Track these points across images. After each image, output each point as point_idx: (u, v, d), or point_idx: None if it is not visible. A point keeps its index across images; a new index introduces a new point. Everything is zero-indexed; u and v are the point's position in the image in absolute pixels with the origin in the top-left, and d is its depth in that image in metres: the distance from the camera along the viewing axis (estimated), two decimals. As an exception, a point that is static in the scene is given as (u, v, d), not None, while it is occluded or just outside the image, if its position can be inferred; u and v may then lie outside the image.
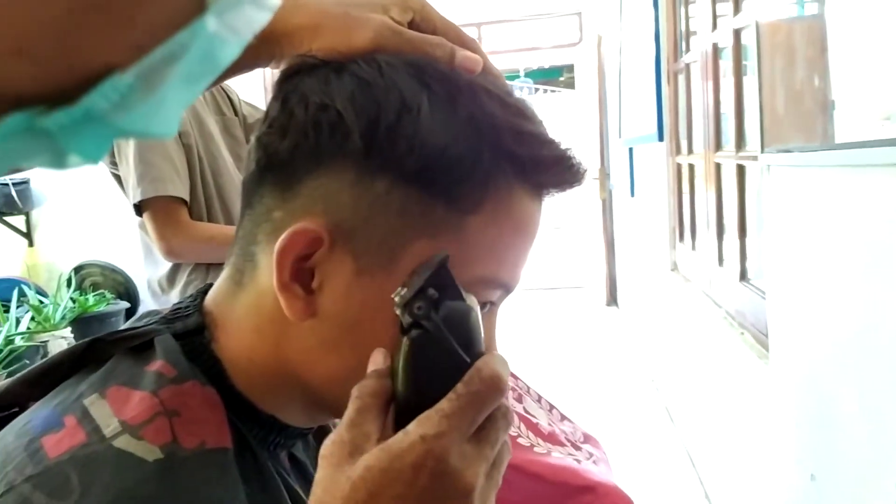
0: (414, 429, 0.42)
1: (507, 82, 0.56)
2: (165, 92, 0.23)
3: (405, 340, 0.45)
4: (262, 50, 0.55)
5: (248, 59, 0.55)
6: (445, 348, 0.44)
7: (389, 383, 0.45)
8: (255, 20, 0.25)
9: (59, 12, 0.20)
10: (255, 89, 3.54)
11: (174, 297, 1.71)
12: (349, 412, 0.44)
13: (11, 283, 3.88)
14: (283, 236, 0.49)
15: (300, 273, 0.50)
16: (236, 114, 1.80)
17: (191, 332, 0.54)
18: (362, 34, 0.52)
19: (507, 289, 0.54)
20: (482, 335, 0.46)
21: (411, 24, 0.56)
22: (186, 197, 1.62)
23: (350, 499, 0.41)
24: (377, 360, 0.47)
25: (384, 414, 0.45)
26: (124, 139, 0.25)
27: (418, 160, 0.48)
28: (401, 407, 0.44)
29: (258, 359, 0.53)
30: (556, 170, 0.53)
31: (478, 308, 0.47)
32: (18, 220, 4.16)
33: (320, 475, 0.43)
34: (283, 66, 0.54)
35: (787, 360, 1.66)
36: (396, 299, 0.45)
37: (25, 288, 3.77)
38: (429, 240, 0.50)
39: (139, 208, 1.61)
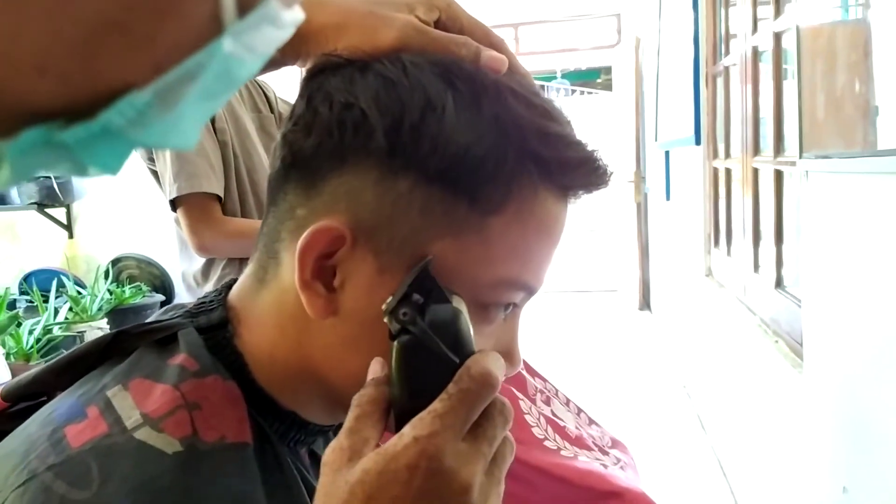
0: (408, 431, 0.42)
1: (535, 82, 0.55)
2: (183, 108, 0.24)
3: (395, 346, 0.45)
4: (288, 49, 0.55)
5: (274, 60, 0.55)
6: (434, 351, 0.45)
7: (387, 390, 0.46)
8: (274, 39, 0.25)
9: (81, 32, 0.21)
10: (292, 86, 3.57)
11: (208, 290, 1.72)
12: (348, 420, 0.44)
13: (51, 274, 3.96)
14: (305, 234, 0.49)
15: (322, 271, 0.50)
16: (272, 111, 1.82)
17: (214, 326, 0.55)
18: (387, 33, 0.52)
19: (530, 291, 0.54)
20: (471, 335, 0.46)
21: (437, 23, 0.55)
22: (221, 193, 1.64)
23: (348, 503, 0.41)
24: (375, 370, 0.47)
25: (383, 421, 0.45)
26: (143, 150, 0.26)
27: (442, 160, 0.48)
28: (398, 413, 0.45)
29: (279, 355, 0.53)
30: (582, 171, 0.52)
31: (465, 308, 0.47)
32: (59, 212, 4.24)
33: (322, 482, 0.43)
34: (308, 65, 0.55)
35: (822, 369, 1.63)
36: (383, 307, 0.46)
37: (64, 279, 3.84)
38: (451, 239, 0.49)
39: (174, 204, 1.63)
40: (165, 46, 0.23)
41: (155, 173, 1.68)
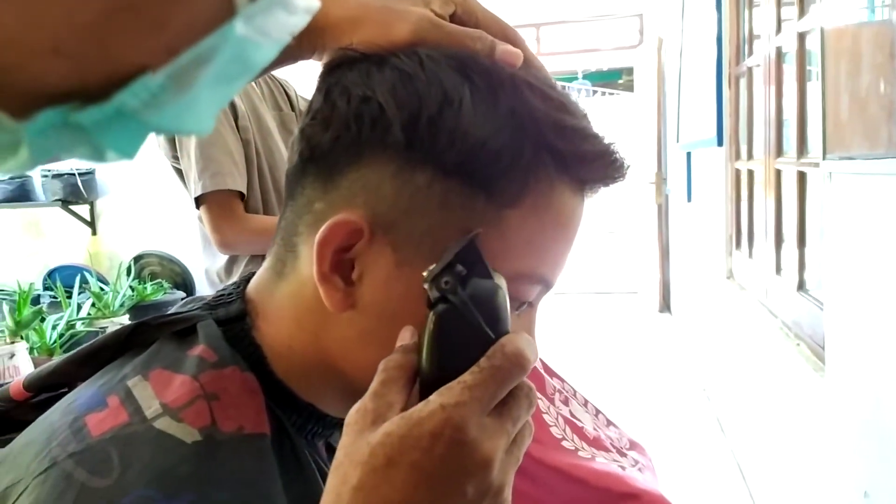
0: (435, 398, 0.42)
1: (550, 75, 0.55)
2: (198, 92, 0.24)
3: (431, 315, 0.45)
4: (305, 42, 0.55)
5: (290, 52, 0.56)
6: (470, 324, 0.44)
7: (415, 358, 0.46)
8: (289, 24, 0.26)
9: (94, 15, 0.21)
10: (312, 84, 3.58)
11: None
12: (374, 383, 0.45)
13: (75, 270, 4.00)
14: (323, 227, 0.49)
15: (340, 264, 0.50)
16: (293, 109, 1.83)
17: (233, 318, 0.55)
18: (402, 27, 0.52)
19: (546, 284, 0.54)
20: (508, 314, 0.46)
21: (453, 17, 0.55)
22: (244, 190, 1.65)
23: (368, 464, 0.41)
24: (404, 336, 0.47)
25: (409, 387, 0.45)
26: (159, 134, 0.26)
27: (459, 153, 0.48)
28: (425, 381, 0.45)
29: (297, 347, 0.54)
30: (599, 164, 0.52)
31: (505, 287, 0.47)
32: (83, 210, 4.29)
33: (343, 441, 0.43)
34: (325, 59, 0.55)
35: (844, 373, 1.62)
36: (425, 274, 0.45)
37: (87, 275, 3.88)
38: (468, 232, 0.49)
39: (198, 202, 1.65)
40: (178, 29, 0.23)
41: (179, 171, 1.70)
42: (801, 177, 2.30)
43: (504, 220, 0.50)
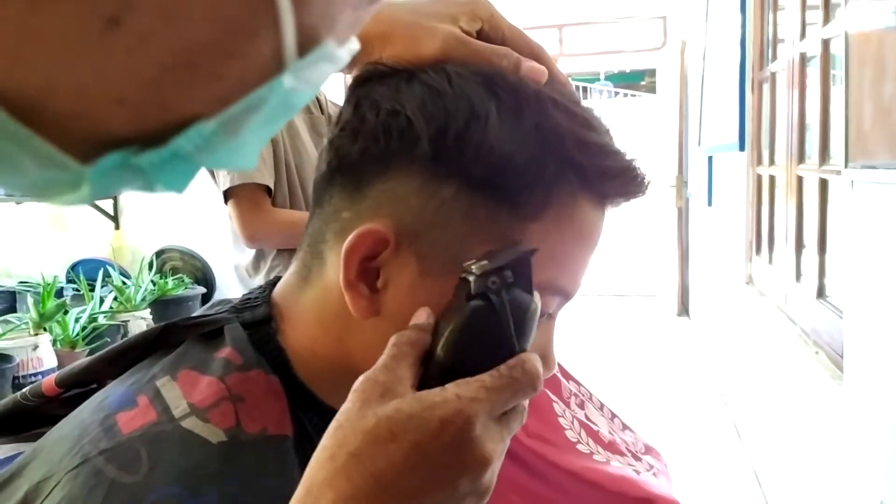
0: (452, 388, 0.43)
1: (574, 90, 0.56)
2: (245, 135, 0.26)
3: (468, 306, 0.45)
4: None
5: None
6: (501, 328, 0.45)
7: (428, 339, 0.46)
8: (329, 72, 0.28)
9: (158, 70, 0.23)
10: (339, 89, 3.61)
11: (259, 281, 1.79)
12: (385, 357, 0.45)
13: (98, 264, 4.05)
14: (350, 236, 0.50)
15: (366, 272, 0.51)
16: (322, 112, 1.86)
17: (258, 322, 0.57)
18: (430, 43, 0.54)
19: (566, 296, 0.55)
20: (534, 335, 0.47)
21: (480, 34, 0.57)
22: (271, 185, 1.68)
23: (371, 433, 0.41)
24: (420, 316, 0.48)
25: (417, 365, 0.45)
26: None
27: (484, 167, 0.49)
28: (434, 368, 0.45)
29: (321, 352, 0.55)
30: (620, 180, 0.53)
31: (539, 307, 0.48)
32: (106, 204, 4.34)
33: (347, 406, 0.43)
34: (355, 73, 0.56)
35: (863, 382, 1.61)
36: (473, 268, 0.46)
37: (110, 269, 3.93)
38: (492, 245, 0.51)
39: (226, 195, 1.68)
40: (231, 83, 0.25)
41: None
42: (823, 184, 2.28)
43: (527, 232, 0.51)
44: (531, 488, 1.35)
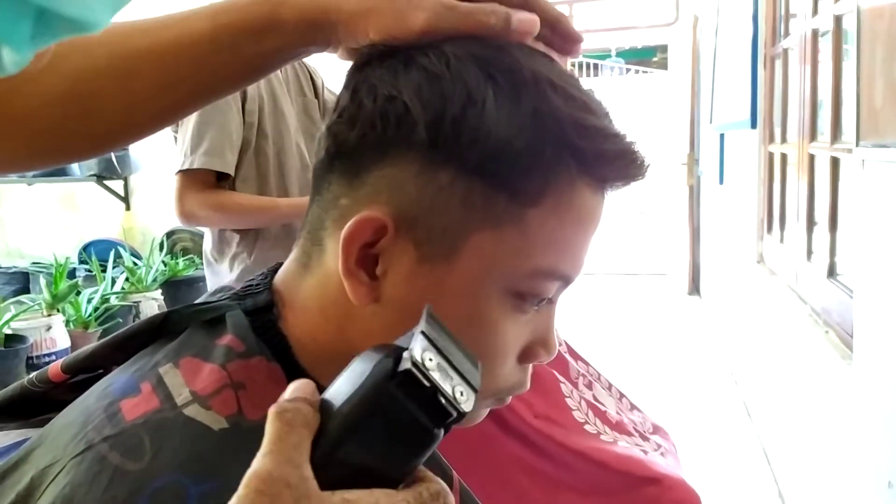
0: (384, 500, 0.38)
1: (574, 74, 0.55)
2: None
3: (397, 377, 0.38)
4: (319, 37, 0.55)
5: (303, 44, 0.56)
6: (420, 413, 0.38)
7: (317, 419, 0.40)
8: None
9: None
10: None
11: (224, 268, 1.80)
12: (285, 444, 0.38)
13: (109, 245, 4.07)
14: (349, 223, 0.50)
15: (365, 259, 0.51)
16: (317, 96, 1.86)
17: (260, 309, 0.57)
18: (418, 15, 0.53)
19: (566, 281, 0.55)
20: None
21: None
22: (230, 171, 1.68)
23: None
24: (307, 391, 0.41)
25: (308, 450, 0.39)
26: (49, 36, 0.25)
27: (482, 152, 0.49)
28: (334, 440, 0.38)
29: (322, 339, 0.55)
30: (619, 164, 0.53)
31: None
32: (117, 185, 4.35)
33: None
34: (340, 53, 0.56)
35: (872, 362, 1.60)
36: (413, 347, 0.38)
37: (121, 250, 3.95)
38: (490, 231, 0.51)
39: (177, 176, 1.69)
40: None
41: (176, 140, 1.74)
42: (835, 162, 2.26)
43: (525, 218, 0.51)
44: (539, 468, 1.35)
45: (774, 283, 2.88)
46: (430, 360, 0.38)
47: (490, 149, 0.49)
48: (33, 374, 0.63)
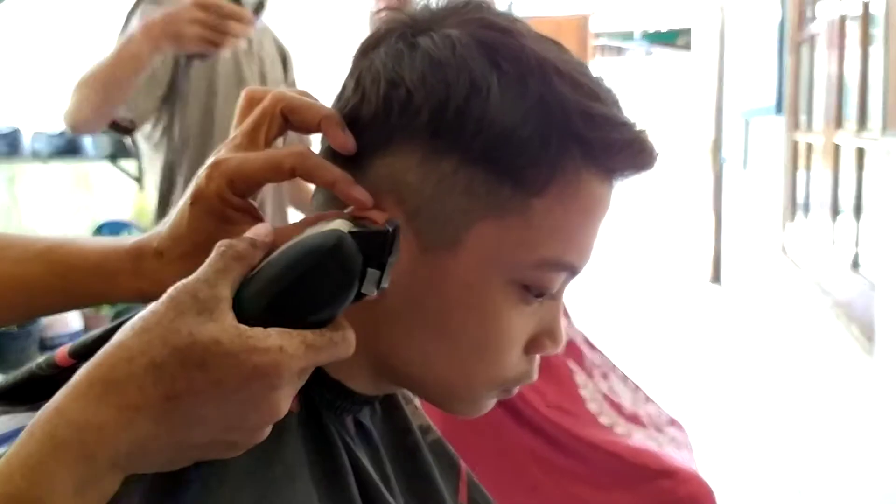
0: (276, 336, 0.41)
1: (581, 60, 0.54)
2: None
3: (332, 233, 0.43)
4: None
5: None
6: (348, 279, 0.43)
7: (259, 257, 0.44)
8: None
9: None
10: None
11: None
12: (208, 268, 0.42)
13: (122, 226, 4.10)
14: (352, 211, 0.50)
15: None
16: (286, 72, 1.82)
17: None
18: None
19: (572, 271, 0.53)
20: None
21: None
22: (132, 116, 1.64)
23: (180, 352, 0.39)
24: (259, 231, 0.45)
25: (237, 283, 0.42)
26: None
27: (485, 141, 0.48)
28: (253, 292, 0.42)
29: None
30: (627, 154, 0.51)
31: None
32: (130, 165, 4.36)
33: (158, 311, 0.40)
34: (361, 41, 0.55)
35: (893, 354, 1.58)
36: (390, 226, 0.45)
37: (135, 230, 3.98)
38: (494, 220, 0.50)
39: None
40: None
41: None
42: (860, 152, 2.23)
43: (530, 208, 0.50)
44: (551, 459, 1.35)
45: (797, 274, 2.86)
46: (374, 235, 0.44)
47: (494, 137, 0.48)
48: (41, 359, 0.63)
